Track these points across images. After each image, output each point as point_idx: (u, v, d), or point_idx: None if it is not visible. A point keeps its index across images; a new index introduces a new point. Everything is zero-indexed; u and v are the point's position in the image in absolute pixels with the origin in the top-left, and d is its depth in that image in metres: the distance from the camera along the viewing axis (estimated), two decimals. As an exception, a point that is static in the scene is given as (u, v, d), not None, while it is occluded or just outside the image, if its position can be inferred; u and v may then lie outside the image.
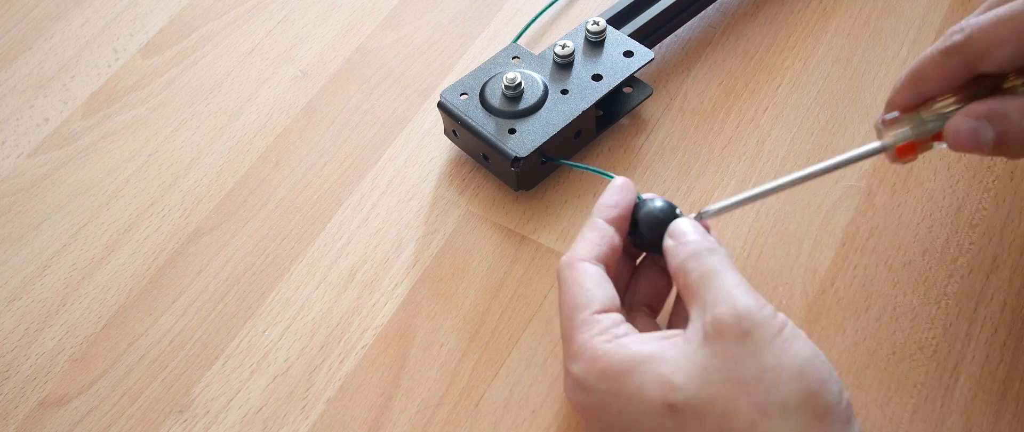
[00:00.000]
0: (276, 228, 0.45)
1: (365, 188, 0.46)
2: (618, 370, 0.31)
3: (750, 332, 0.30)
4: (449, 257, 0.43)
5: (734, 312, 0.30)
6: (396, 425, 0.38)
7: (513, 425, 0.38)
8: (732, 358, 0.30)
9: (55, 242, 0.45)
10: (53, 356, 0.41)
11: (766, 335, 0.30)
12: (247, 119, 0.50)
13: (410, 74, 0.51)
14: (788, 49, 0.50)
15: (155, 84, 0.52)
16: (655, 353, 0.31)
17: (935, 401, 0.38)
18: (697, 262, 0.33)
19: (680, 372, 0.30)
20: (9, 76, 0.53)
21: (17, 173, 0.48)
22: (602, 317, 0.33)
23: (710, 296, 0.31)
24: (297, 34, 0.54)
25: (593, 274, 0.34)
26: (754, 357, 0.29)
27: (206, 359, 0.41)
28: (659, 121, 0.48)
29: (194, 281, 0.43)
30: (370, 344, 0.41)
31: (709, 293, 0.32)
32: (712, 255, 0.33)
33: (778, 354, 0.30)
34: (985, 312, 0.40)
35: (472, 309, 0.42)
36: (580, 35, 0.46)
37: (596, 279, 0.34)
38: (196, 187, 0.47)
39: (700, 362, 0.30)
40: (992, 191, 0.44)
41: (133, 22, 0.55)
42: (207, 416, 0.39)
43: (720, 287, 0.32)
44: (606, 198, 0.37)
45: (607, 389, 0.31)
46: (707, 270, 0.32)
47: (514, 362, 0.40)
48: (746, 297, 0.31)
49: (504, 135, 0.43)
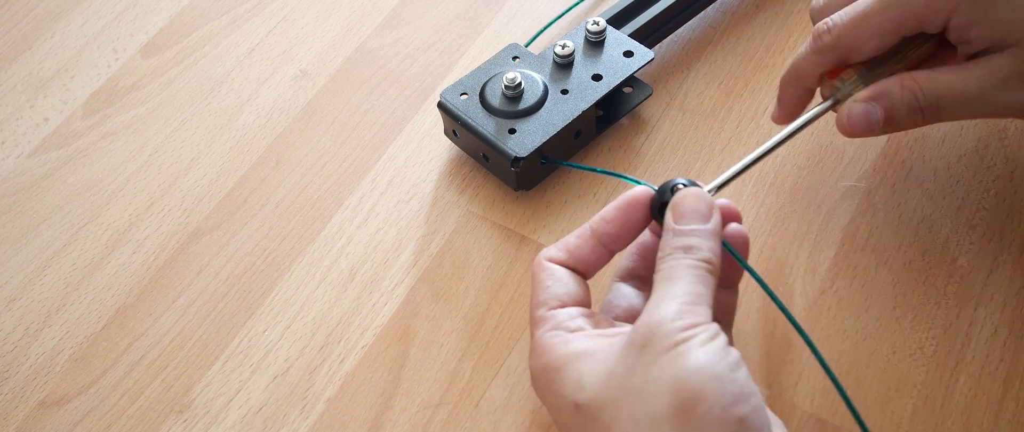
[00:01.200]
0: (276, 228, 0.45)
1: (365, 188, 0.46)
2: (553, 365, 0.32)
3: (649, 342, 0.29)
4: (449, 257, 0.43)
5: (648, 321, 0.30)
6: (396, 425, 0.38)
7: (513, 425, 0.38)
8: (630, 366, 0.30)
9: (55, 242, 0.45)
10: (53, 356, 0.41)
11: (663, 346, 0.29)
12: (247, 119, 0.50)
13: (410, 74, 0.51)
14: (788, 49, 0.50)
15: (155, 84, 0.52)
16: (587, 351, 0.31)
17: (935, 401, 0.38)
18: (666, 264, 0.32)
19: (593, 374, 0.31)
20: (9, 76, 0.53)
21: (17, 173, 0.48)
22: (557, 312, 0.33)
23: (652, 300, 0.31)
24: (297, 34, 0.54)
25: (554, 272, 0.35)
26: (644, 367, 0.29)
27: (206, 359, 0.41)
28: (659, 121, 0.48)
29: (194, 281, 0.43)
30: (370, 344, 0.41)
31: (653, 295, 0.31)
32: (684, 257, 0.32)
33: (664, 366, 0.29)
34: (985, 312, 0.40)
35: (472, 309, 0.42)
36: (580, 35, 0.46)
37: (558, 276, 0.34)
38: (196, 187, 0.47)
39: (609, 367, 0.30)
40: (992, 191, 0.44)
41: (133, 22, 0.55)
42: (207, 416, 0.39)
43: (661, 294, 0.31)
44: (607, 211, 0.35)
45: (543, 382, 0.32)
46: (665, 275, 0.32)
47: (514, 362, 0.40)
48: (670, 307, 0.30)
49: (504, 135, 0.43)
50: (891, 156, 0.45)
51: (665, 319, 0.30)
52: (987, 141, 0.45)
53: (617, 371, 0.30)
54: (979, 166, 0.45)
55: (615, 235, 0.35)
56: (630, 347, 0.30)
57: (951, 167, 0.45)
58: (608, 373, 0.30)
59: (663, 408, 0.28)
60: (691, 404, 0.28)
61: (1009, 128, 0.46)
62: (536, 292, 0.34)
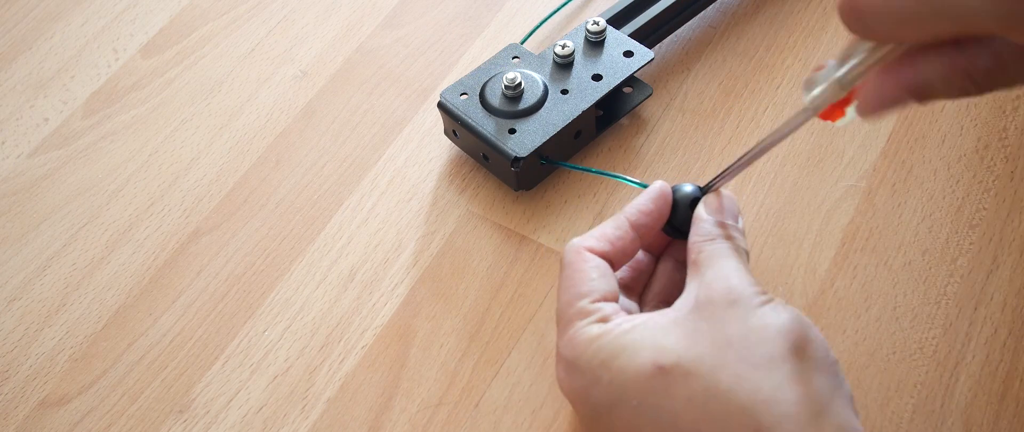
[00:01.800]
0: (276, 228, 0.45)
1: (365, 188, 0.46)
2: (611, 344, 0.32)
3: (737, 300, 0.32)
4: (449, 257, 0.43)
5: (726, 286, 0.32)
6: (396, 425, 0.38)
7: (513, 425, 0.38)
8: (719, 320, 0.31)
9: (55, 242, 0.45)
10: (53, 356, 0.41)
11: (752, 302, 0.31)
12: (247, 119, 0.50)
13: (410, 74, 0.51)
14: (788, 49, 0.50)
15: (155, 84, 0.52)
16: (646, 325, 0.32)
17: (935, 401, 0.38)
18: (711, 245, 0.34)
19: (669, 336, 0.31)
20: (9, 76, 0.53)
21: (17, 173, 0.48)
22: (603, 305, 0.34)
23: (709, 274, 0.33)
24: (297, 34, 0.54)
25: (598, 266, 0.35)
26: (740, 319, 0.31)
27: (206, 359, 0.41)
28: (659, 121, 0.48)
29: (194, 281, 0.43)
30: (370, 344, 0.41)
31: (709, 270, 0.33)
32: (726, 242, 0.34)
33: (763, 315, 0.31)
34: (985, 312, 0.40)
35: (472, 309, 0.42)
36: (580, 35, 0.46)
37: (601, 270, 0.35)
38: (196, 187, 0.47)
39: (688, 326, 0.32)
40: (992, 191, 0.44)
41: (133, 22, 0.55)
42: (207, 416, 0.39)
43: (720, 268, 0.33)
44: (643, 203, 0.37)
45: (600, 362, 0.32)
46: (715, 252, 0.34)
47: (514, 362, 0.40)
48: (741, 278, 0.33)
49: (504, 135, 0.43)
50: (891, 156, 0.45)
51: (745, 283, 0.32)
52: (987, 141, 0.45)
53: (701, 327, 0.31)
54: (979, 166, 0.45)
55: (649, 227, 0.37)
56: (710, 306, 0.32)
57: (951, 167, 0.45)
58: (691, 331, 0.31)
59: (779, 349, 0.30)
60: (803, 343, 0.31)
61: (1009, 128, 0.46)
62: (577, 282, 0.34)
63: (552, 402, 0.39)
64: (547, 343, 0.40)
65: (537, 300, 0.42)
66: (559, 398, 0.39)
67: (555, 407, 0.38)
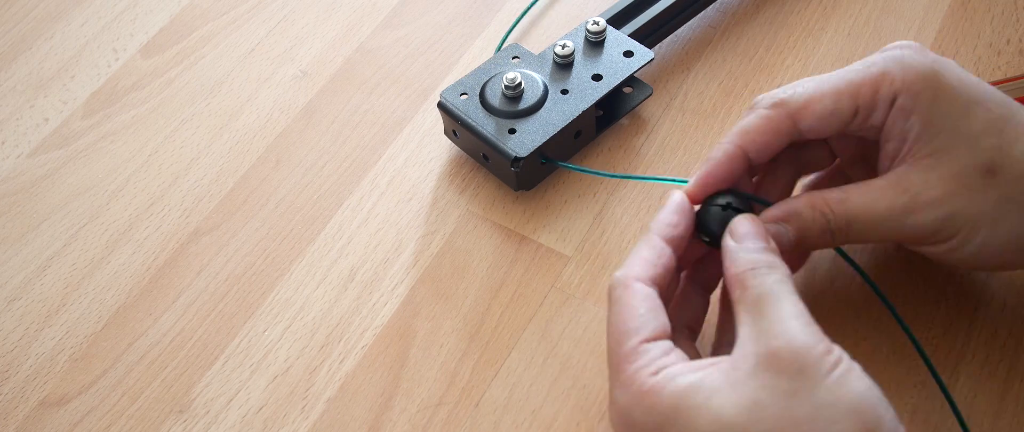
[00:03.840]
0: (276, 228, 0.45)
1: (365, 188, 0.46)
2: (667, 405, 0.30)
3: (805, 369, 0.29)
4: (449, 257, 0.43)
5: (790, 347, 0.29)
6: (396, 425, 0.38)
7: (513, 425, 0.38)
8: (785, 394, 0.29)
9: (55, 242, 0.45)
10: (53, 356, 0.41)
11: (821, 371, 0.29)
12: (247, 119, 0.50)
13: (410, 74, 0.51)
14: (788, 49, 0.50)
15: (155, 84, 0.52)
16: (703, 384, 0.30)
17: (935, 401, 0.38)
18: (757, 280, 0.32)
19: (730, 405, 0.29)
20: (9, 76, 0.53)
21: (17, 173, 0.48)
22: (651, 346, 0.32)
23: (766, 324, 0.30)
24: (297, 34, 0.54)
25: (647, 298, 0.33)
26: (809, 393, 0.29)
27: (206, 359, 0.41)
28: (659, 121, 0.48)
29: (194, 281, 0.43)
30: (370, 344, 0.41)
31: (764, 320, 0.30)
32: (772, 272, 0.32)
33: (833, 389, 0.29)
34: (985, 312, 0.40)
35: (472, 309, 0.42)
36: (580, 35, 0.46)
37: (650, 303, 0.33)
38: (196, 187, 0.47)
39: (750, 395, 0.29)
40: (992, 191, 0.44)
41: (133, 22, 0.55)
42: (207, 416, 0.39)
43: (778, 315, 0.30)
44: (666, 216, 0.35)
45: (655, 423, 0.30)
46: (766, 292, 0.31)
47: (514, 362, 0.40)
48: (804, 332, 0.30)
49: (504, 135, 0.43)
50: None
51: (809, 344, 0.29)
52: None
53: (765, 400, 0.29)
54: (979, 166, 0.44)
55: (680, 239, 0.35)
56: (774, 374, 0.29)
57: (951, 167, 0.45)
58: (754, 403, 0.29)
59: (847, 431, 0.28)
60: (873, 426, 0.28)
61: (1009, 128, 0.46)
62: (625, 318, 0.32)
63: (552, 402, 0.39)
64: (547, 343, 0.40)
65: (537, 300, 0.42)
66: (559, 398, 0.39)
67: (555, 407, 0.39)
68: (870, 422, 0.28)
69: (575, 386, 0.39)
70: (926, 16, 0.51)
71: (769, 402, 0.29)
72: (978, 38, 0.49)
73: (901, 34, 0.50)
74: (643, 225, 0.44)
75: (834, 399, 0.29)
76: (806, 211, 0.35)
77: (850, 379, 0.29)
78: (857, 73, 0.35)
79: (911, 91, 0.34)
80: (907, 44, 0.35)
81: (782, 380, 0.29)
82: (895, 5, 0.51)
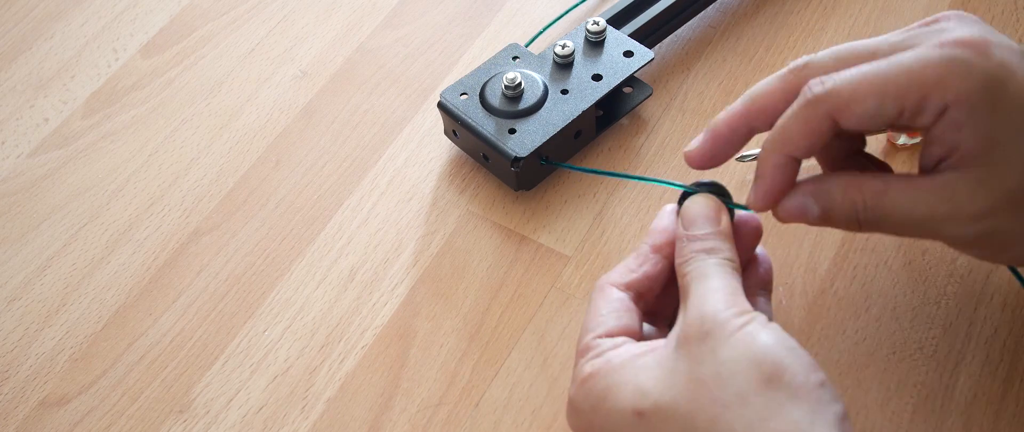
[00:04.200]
0: (276, 228, 0.45)
1: (365, 188, 0.46)
2: (601, 385, 0.31)
3: (711, 332, 0.30)
4: (449, 257, 0.43)
5: (700, 316, 0.30)
6: (396, 425, 0.38)
7: (513, 425, 0.38)
8: (694, 359, 0.30)
9: (55, 242, 0.45)
10: (53, 356, 0.41)
11: (726, 331, 0.30)
12: (247, 119, 0.50)
13: (410, 74, 0.51)
14: (788, 49, 0.50)
15: (155, 84, 0.52)
16: (635, 363, 0.31)
17: (935, 401, 0.38)
18: (691, 266, 0.33)
19: (650, 378, 0.30)
20: (9, 76, 0.53)
21: (17, 173, 0.48)
22: (603, 341, 0.33)
23: (689, 303, 0.32)
24: (297, 34, 0.54)
25: (613, 300, 0.34)
26: (712, 354, 0.29)
27: (206, 359, 0.41)
28: (659, 121, 0.48)
29: (194, 281, 0.43)
30: (370, 344, 0.41)
31: (689, 299, 0.32)
32: (710, 257, 0.33)
33: (735, 345, 0.29)
34: (985, 312, 0.40)
35: (472, 309, 0.42)
36: (580, 35, 0.46)
37: (614, 305, 0.34)
38: (196, 187, 0.47)
39: (667, 366, 0.30)
40: (992, 191, 0.44)
41: (133, 22, 0.55)
42: (207, 416, 0.39)
43: (699, 293, 0.31)
44: (656, 224, 0.36)
45: (590, 405, 0.31)
46: (696, 275, 0.32)
47: (514, 362, 0.40)
48: (716, 300, 0.31)
49: (504, 135, 0.43)
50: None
51: (718, 309, 0.30)
52: (987, 141, 0.45)
53: (679, 367, 0.30)
54: (979, 166, 0.44)
55: (670, 246, 0.35)
56: (686, 342, 0.30)
57: (951, 167, 0.45)
58: (670, 372, 0.30)
59: (749, 383, 0.29)
60: (776, 374, 0.29)
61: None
62: (588, 319, 0.34)
63: (552, 402, 0.39)
64: (547, 343, 0.40)
65: (537, 300, 0.42)
66: (559, 398, 0.39)
67: (555, 407, 0.39)
68: (769, 371, 0.29)
69: (575, 386, 0.39)
70: (926, 16, 0.50)
71: (681, 368, 0.30)
72: (978, 38, 0.49)
73: (901, 34, 0.50)
74: (644, 225, 0.44)
75: (735, 354, 0.29)
76: (838, 194, 0.33)
77: (754, 333, 0.30)
78: (907, 73, 0.31)
79: (966, 103, 0.30)
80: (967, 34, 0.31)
81: (692, 347, 0.30)
82: (895, 5, 0.51)
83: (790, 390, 0.28)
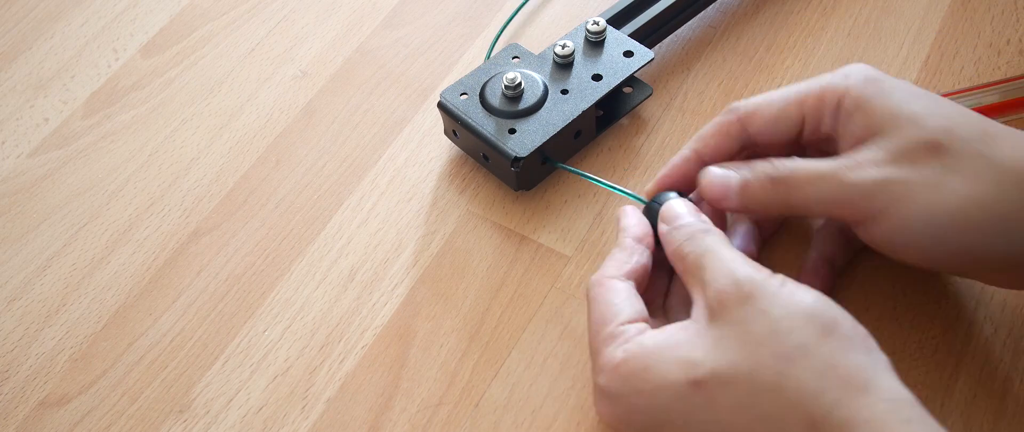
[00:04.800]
0: (276, 228, 0.45)
1: (365, 188, 0.46)
2: (638, 367, 0.32)
3: (752, 294, 0.31)
4: (449, 257, 0.43)
5: (734, 281, 0.32)
6: (396, 425, 0.38)
7: (513, 425, 0.38)
8: (741, 322, 0.30)
9: (55, 242, 0.45)
10: (53, 356, 0.41)
11: (769, 290, 0.31)
12: (247, 119, 0.50)
13: (410, 74, 0.51)
14: (788, 49, 0.50)
15: (155, 84, 0.52)
16: (668, 340, 0.32)
17: (935, 401, 0.38)
18: (693, 245, 0.34)
19: (696, 349, 0.31)
20: (9, 76, 0.53)
21: (17, 173, 0.48)
22: (627, 327, 0.33)
23: (708, 275, 0.33)
24: (297, 34, 0.54)
25: (621, 290, 0.35)
26: (762, 314, 0.30)
27: (206, 359, 0.41)
28: (659, 121, 0.48)
29: (194, 281, 0.43)
30: (370, 344, 0.41)
31: (707, 272, 0.33)
32: (706, 236, 0.34)
33: (785, 302, 0.31)
34: (985, 312, 0.40)
35: (472, 309, 0.42)
36: (580, 35, 0.46)
37: (624, 294, 0.35)
38: (196, 187, 0.47)
39: (711, 335, 0.31)
40: (992, 191, 0.44)
41: (133, 22, 0.55)
42: (207, 416, 0.39)
43: (717, 264, 0.33)
44: (627, 222, 0.38)
45: (632, 388, 0.32)
46: (703, 250, 0.34)
47: (514, 362, 0.40)
48: (743, 267, 0.32)
49: (504, 135, 0.43)
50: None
51: (751, 272, 0.32)
52: (987, 141, 0.45)
53: (726, 333, 0.31)
54: (979, 166, 0.44)
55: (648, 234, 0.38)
56: (724, 309, 0.31)
57: (951, 167, 0.45)
58: (717, 339, 0.31)
59: (809, 336, 0.30)
60: (832, 325, 0.30)
61: (1009, 128, 0.46)
62: (602, 311, 0.34)
63: (552, 402, 0.39)
64: (547, 343, 0.40)
65: (537, 300, 0.42)
66: (559, 398, 0.39)
67: (555, 407, 0.39)
68: (825, 322, 0.30)
69: (575, 386, 0.39)
70: (926, 16, 0.51)
71: (729, 333, 0.31)
72: (978, 38, 0.49)
73: (901, 34, 0.50)
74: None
75: (788, 311, 0.30)
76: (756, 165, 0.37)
77: (798, 290, 0.31)
78: (805, 84, 0.37)
79: (854, 93, 0.35)
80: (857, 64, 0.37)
81: (734, 311, 0.31)
82: (895, 5, 0.51)
83: (847, 339, 0.30)
